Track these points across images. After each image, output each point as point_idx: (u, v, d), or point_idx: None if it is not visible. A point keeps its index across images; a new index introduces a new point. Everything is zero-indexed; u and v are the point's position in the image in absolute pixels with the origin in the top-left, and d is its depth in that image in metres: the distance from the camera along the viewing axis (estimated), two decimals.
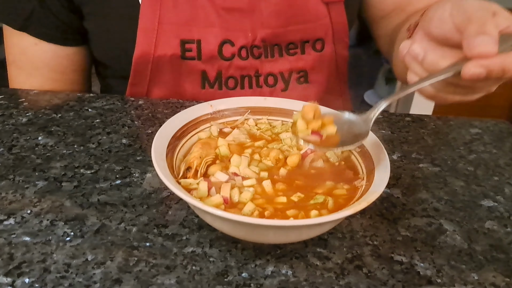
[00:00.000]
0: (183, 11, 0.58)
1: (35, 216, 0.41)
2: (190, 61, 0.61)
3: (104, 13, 0.60)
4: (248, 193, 0.39)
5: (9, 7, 0.63)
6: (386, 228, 0.43)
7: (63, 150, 0.51)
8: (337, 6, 0.63)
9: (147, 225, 0.41)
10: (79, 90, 0.70)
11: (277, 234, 0.37)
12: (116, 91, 0.70)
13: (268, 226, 0.34)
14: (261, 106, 0.50)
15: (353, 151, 0.44)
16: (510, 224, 0.45)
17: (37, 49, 0.64)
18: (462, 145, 0.57)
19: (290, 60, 0.64)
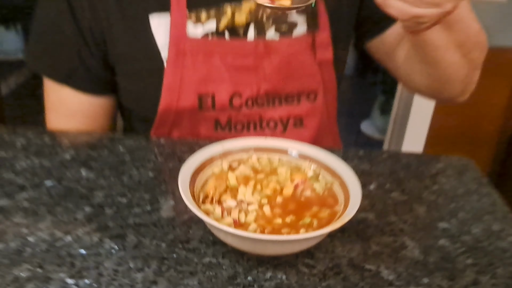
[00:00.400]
0: (201, 70, 0.71)
1: (87, 234, 0.53)
2: (205, 111, 0.74)
3: (134, 71, 0.73)
4: (252, 215, 0.51)
5: (53, 62, 0.76)
6: (360, 244, 0.54)
7: (102, 182, 0.63)
8: (326, 65, 0.77)
9: (173, 241, 0.53)
10: (106, 131, 0.83)
11: (274, 247, 0.48)
12: (138, 130, 0.83)
13: (267, 241, 0.47)
14: (262, 145, 0.62)
15: (334, 183, 0.56)
16: (459, 241, 0.56)
17: (74, 99, 0.77)
18: (428, 177, 0.69)
19: (288, 108, 0.77)
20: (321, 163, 0.59)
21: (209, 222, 0.47)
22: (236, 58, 0.72)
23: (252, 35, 0.73)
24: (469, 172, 0.71)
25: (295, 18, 0.75)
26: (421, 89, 0.79)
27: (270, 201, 0.54)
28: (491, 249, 0.56)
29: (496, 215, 0.62)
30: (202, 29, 0.71)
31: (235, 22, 0.72)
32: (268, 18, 0.73)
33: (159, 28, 0.70)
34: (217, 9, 0.72)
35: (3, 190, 0.60)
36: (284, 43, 0.74)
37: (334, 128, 0.85)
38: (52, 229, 0.54)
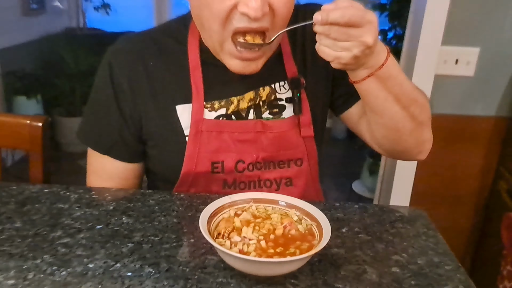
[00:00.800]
0: (213, 144, 0.93)
1: (131, 262, 0.73)
2: (216, 174, 0.95)
3: (162, 145, 0.96)
4: (252, 247, 0.71)
5: (99, 138, 0.99)
6: (333, 270, 0.74)
7: (138, 226, 0.83)
8: (309, 139, 0.99)
9: (194, 267, 0.72)
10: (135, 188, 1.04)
11: (268, 268, 0.68)
12: (160, 188, 1.04)
13: (262, 262, 0.66)
14: (259, 198, 0.83)
15: (313, 225, 0.76)
16: (407, 269, 0.75)
17: (113, 166, 0.99)
18: (388, 223, 0.89)
19: (280, 171, 0.99)
20: (303, 210, 0.79)
21: (221, 250, 0.67)
22: (240, 134, 0.94)
23: (252, 117, 0.97)
24: (420, 220, 0.92)
25: (284, 103, 0.98)
26: (382, 142, 0.96)
27: (265, 237, 0.74)
28: (431, 275, 0.75)
29: (438, 251, 0.81)
30: (215, 114, 0.95)
31: (239, 108, 0.96)
32: (263, 104, 0.96)
33: (183, 114, 0.94)
34: (226, 100, 0.95)
35: (66, 232, 0.80)
36: (276, 123, 0.97)
37: (317, 186, 1.06)
38: (105, 259, 0.74)
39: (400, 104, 0.86)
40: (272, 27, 0.84)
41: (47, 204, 0.89)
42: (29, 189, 0.95)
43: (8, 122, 1.15)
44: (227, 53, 0.87)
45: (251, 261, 0.67)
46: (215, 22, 0.83)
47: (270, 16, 0.83)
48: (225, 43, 0.86)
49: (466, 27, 1.81)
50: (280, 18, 0.84)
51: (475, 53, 1.85)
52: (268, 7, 0.81)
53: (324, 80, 1.02)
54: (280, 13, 0.83)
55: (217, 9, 0.81)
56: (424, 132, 0.94)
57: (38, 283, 0.68)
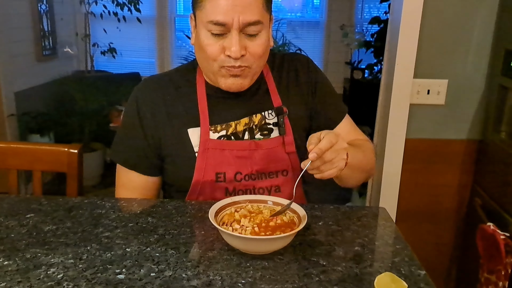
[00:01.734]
0: (217, 158, 1.19)
1: (158, 247, 0.97)
2: (219, 183, 1.20)
3: (177, 160, 1.22)
4: (248, 231, 0.95)
5: (127, 155, 1.25)
6: (309, 249, 0.98)
7: (161, 224, 1.08)
8: (292, 154, 1.25)
9: (206, 249, 0.97)
10: (155, 198, 1.28)
11: (260, 245, 0.92)
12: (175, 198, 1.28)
13: (256, 239, 0.91)
14: (254, 199, 1.07)
15: (294, 216, 1.01)
16: (367, 248, 0.99)
17: (137, 179, 1.25)
18: (355, 218, 1.13)
19: (270, 181, 1.24)
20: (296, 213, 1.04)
21: (224, 231, 0.91)
22: (238, 151, 1.21)
23: (247, 137, 1.23)
24: (381, 215, 1.16)
25: (271, 127, 1.25)
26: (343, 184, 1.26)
27: (258, 226, 0.98)
28: (385, 251, 1.00)
29: (392, 236, 1.06)
30: (218, 135, 1.21)
31: (236, 130, 1.22)
32: (255, 128, 1.23)
33: (193, 136, 1.21)
34: (226, 124, 1.22)
35: (106, 228, 1.05)
36: (266, 142, 1.23)
37: (301, 191, 1.32)
38: (138, 245, 0.98)
39: (362, 173, 1.25)
40: (249, 64, 1.14)
41: (88, 210, 1.14)
42: (72, 200, 1.20)
43: (50, 150, 1.41)
44: (221, 76, 1.16)
45: (247, 239, 0.91)
46: (209, 60, 1.14)
47: (247, 57, 1.12)
48: (219, 71, 1.15)
49: (434, 62, 2.06)
50: (255, 57, 1.14)
51: (444, 84, 2.10)
52: (245, 51, 1.11)
53: (303, 111, 1.29)
54: (254, 53, 1.13)
55: (211, 51, 1.13)
56: (373, 170, 1.31)
57: (90, 261, 0.92)
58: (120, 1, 4.60)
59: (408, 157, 2.20)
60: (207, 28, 1.10)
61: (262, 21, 1.11)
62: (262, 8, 1.11)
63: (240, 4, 1.07)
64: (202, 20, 1.11)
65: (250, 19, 1.09)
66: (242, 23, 1.08)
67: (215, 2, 1.07)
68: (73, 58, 4.95)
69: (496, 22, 1.99)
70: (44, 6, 4.31)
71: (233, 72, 1.13)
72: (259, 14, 1.10)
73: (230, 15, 1.07)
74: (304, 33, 5.27)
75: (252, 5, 1.08)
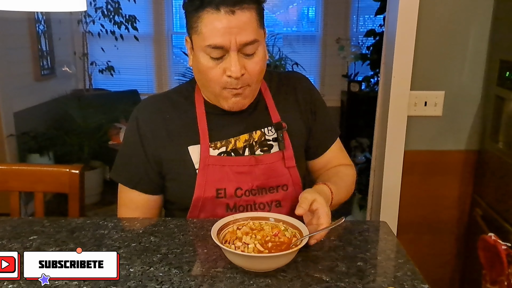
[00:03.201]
0: (217, 175, 1.19)
1: (161, 267, 0.97)
2: (220, 199, 1.21)
3: (178, 177, 1.22)
4: (251, 249, 0.95)
5: (128, 175, 1.25)
6: (312, 265, 0.98)
7: (164, 243, 1.08)
8: (292, 169, 1.26)
9: (209, 268, 0.97)
10: (157, 217, 1.29)
11: (262, 262, 0.93)
12: (177, 216, 1.28)
13: (258, 257, 0.91)
14: (255, 216, 1.08)
15: (296, 233, 1.01)
16: (369, 263, 1.00)
17: (139, 198, 1.25)
18: (357, 232, 1.14)
19: (271, 196, 1.24)
20: (288, 223, 1.05)
21: (227, 250, 0.91)
22: (238, 167, 1.21)
23: (247, 153, 1.24)
24: (382, 229, 1.17)
25: (271, 143, 1.26)
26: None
27: (260, 243, 0.98)
28: (387, 266, 1.00)
29: (393, 250, 1.06)
30: (218, 151, 1.22)
31: (236, 147, 1.23)
32: (255, 144, 1.24)
33: (194, 153, 1.21)
34: (226, 140, 1.23)
35: (109, 249, 1.05)
36: (266, 157, 1.24)
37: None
38: (142, 265, 0.98)
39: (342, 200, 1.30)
40: (250, 82, 1.16)
41: (91, 231, 1.15)
42: (75, 221, 1.21)
43: (51, 171, 1.42)
44: (223, 97, 1.18)
45: (250, 257, 0.92)
46: (211, 82, 1.16)
47: (246, 76, 1.15)
48: (221, 92, 1.17)
49: (430, 74, 2.08)
50: (254, 75, 1.17)
51: (441, 96, 2.11)
52: (244, 70, 1.13)
53: (301, 127, 1.31)
54: (253, 72, 1.16)
55: (212, 75, 1.15)
56: (351, 192, 1.37)
57: (95, 282, 0.92)
58: (117, 20, 4.63)
59: (407, 169, 2.21)
60: (205, 52, 1.12)
61: (258, 39, 1.14)
62: (257, 26, 1.14)
63: (235, 26, 1.09)
64: (200, 45, 1.13)
65: (246, 39, 1.11)
66: (240, 43, 1.10)
67: (211, 26, 1.09)
68: (71, 77, 4.98)
69: (490, 33, 2.01)
70: (42, 26, 4.35)
71: (235, 92, 1.16)
72: (255, 32, 1.13)
73: (227, 37, 1.09)
74: (300, 47, 5.30)
75: (247, 25, 1.11)
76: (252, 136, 1.26)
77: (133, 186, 1.25)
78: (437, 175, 2.26)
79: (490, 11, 1.99)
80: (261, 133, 1.26)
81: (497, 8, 1.96)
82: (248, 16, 1.11)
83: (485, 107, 2.09)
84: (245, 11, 1.10)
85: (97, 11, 4.58)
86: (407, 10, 1.98)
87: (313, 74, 5.33)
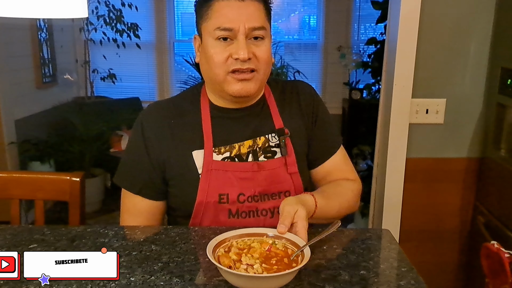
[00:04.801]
0: (220, 180, 1.19)
1: (162, 276, 0.96)
2: (222, 204, 1.20)
3: (181, 182, 1.22)
4: (258, 269, 0.92)
5: (132, 180, 1.25)
6: (315, 274, 0.97)
7: (165, 251, 1.07)
8: (295, 175, 1.26)
9: (210, 277, 0.96)
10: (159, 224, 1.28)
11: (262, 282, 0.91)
12: (180, 223, 1.28)
13: (257, 277, 0.89)
14: (249, 232, 1.05)
15: (286, 244, 1.00)
16: (372, 272, 0.99)
17: (143, 204, 1.25)
18: (360, 240, 1.13)
19: (273, 202, 1.24)
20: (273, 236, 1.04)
21: (224, 269, 0.89)
22: (241, 173, 1.21)
23: (250, 159, 1.24)
24: (385, 237, 1.16)
25: (274, 149, 1.25)
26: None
27: (261, 261, 0.94)
28: (390, 275, 0.99)
29: (397, 258, 1.06)
30: (221, 156, 1.22)
31: (240, 152, 1.23)
32: (259, 150, 1.24)
33: (197, 158, 1.22)
34: (230, 146, 1.23)
35: None
36: (269, 163, 1.24)
37: None
38: (143, 274, 0.98)
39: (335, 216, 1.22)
40: (257, 68, 1.18)
41: (91, 239, 1.14)
42: (75, 230, 1.20)
43: (52, 179, 1.41)
44: (227, 83, 1.18)
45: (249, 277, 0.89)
46: (217, 67, 1.18)
47: (254, 61, 1.17)
48: (226, 78, 1.18)
49: (432, 82, 2.08)
50: (262, 62, 1.19)
51: (442, 103, 2.11)
52: (252, 54, 1.16)
53: (303, 134, 1.32)
54: (261, 58, 1.18)
55: (218, 59, 1.17)
56: (353, 209, 1.33)
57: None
58: (119, 27, 4.65)
59: (409, 177, 2.20)
60: (214, 36, 1.16)
61: (265, 27, 1.19)
62: (265, 16, 1.20)
63: (245, 12, 1.15)
64: (209, 30, 1.17)
65: (254, 24, 1.16)
66: (248, 28, 1.15)
67: (221, 11, 1.15)
68: (73, 85, 4.98)
69: (491, 41, 2.01)
70: (44, 34, 4.36)
71: (242, 76, 1.17)
72: (262, 21, 1.18)
73: (236, 22, 1.14)
74: (302, 55, 5.31)
75: (255, 12, 1.17)
76: (256, 142, 1.26)
77: (137, 192, 1.25)
78: (439, 182, 2.26)
79: (491, 19, 1.99)
80: (265, 139, 1.27)
81: (498, 16, 1.97)
82: (256, 6, 1.18)
83: (487, 115, 2.08)
84: (254, 1, 1.17)
85: (99, 19, 4.59)
86: (408, 18, 1.99)
87: (314, 82, 5.33)
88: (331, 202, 1.22)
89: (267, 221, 1.22)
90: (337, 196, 1.26)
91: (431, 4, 1.98)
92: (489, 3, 1.98)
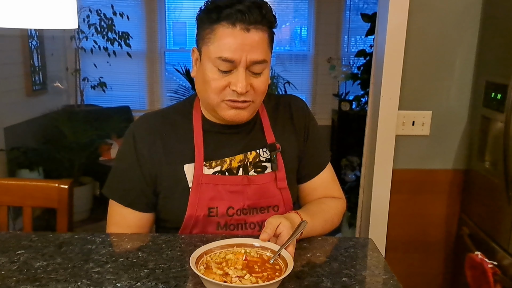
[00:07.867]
0: (210, 193, 1.21)
1: (148, 282, 0.98)
2: (211, 217, 1.22)
3: (172, 195, 1.23)
4: (248, 280, 0.94)
5: (123, 192, 1.25)
6: (298, 281, 0.99)
7: (151, 258, 1.08)
8: (284, 190, 1.27)
9: (196, 283, 0.97)
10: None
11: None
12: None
13: (261, 286, 0.90)
14: (238, 243, 1.06)
15: (257, 250, 1.02)
16: (354, 279, 1.01)
17: (132, 216, 1.26)
18: (343, 249, 1.15)
19: (262, 215, 1.25)
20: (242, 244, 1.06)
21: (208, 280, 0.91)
22: (231, 186, 1.23)
23: (241, 173, 1.26)
24: (368, 246, 1.18)
25: (265, 164, 1.28)
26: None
27: (246, 271, 0.96)
28: (371, 282, 1.01)
29: (378, 266, 1.08)
30: (212, 170, 1.24)
31: (231, 166, 1.25)
32: (250, 164, 1.26)
33: (188, 171, 1.23)
34: (221, 160, 1.25)
35: (96, 264, 1.06)
36: (259, 178, 1.26)
37: None
38: (129, 280, 0.99)
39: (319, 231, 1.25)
40: (253, 99, 1.18)
41: (79, 246, 1.15)
42: (63, 236, 1.21)
43: (40, 186, 1.42)
44: (221, 108, 1.19)
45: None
46: (213, 93, 1.17)
47: (251, 93, 1.17)
48: (220, 104, 1.18)
49: (418, 94, 2.12)
50: (259, 93, 1.19)
51: (428, 116, 2.15)
52: (250, 86, 1.16)
53: (294, 149, 1.33)
54: (258, 89, 1.18)
55: (215, 85, 1.16)
56: (336, 226, 1.33)
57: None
58: (110, 36, 4.67)
59: (396, 188, 2.23)
60: (214, 63, 1.15)
61: (267, 60, 1.17)
62: (267, 47, 1.18)
63: (248, 44, 1.12)
64: (210, 56, 1.15)
65: (257, 58, 1.14)
66: (250, 61, 1.14)
67: (225, 40, 1.12)
68: (63, 93, 4.98)
69: (476, 55, 2.06)
70: (35, 42, 4.36)
71: (236, 105, 1.17)
72: (265, 53, 1.16)
73: (239, 53, 1.12)
74: (293, 66, 5.35)
75: (259, 44, 1.15)
76: (247, 156, 1.27)
77: (128, 204, 1.25)
78: (425, 193, 2.28)
79: (476, 34, 2.04)
80: (256, 154, 1.28)
81: (483, 31, 2.02)
82: (261, 36, 1.15)
83: (472, 127, 2.12)
84: (259, 31, 1.14)
85: (90, 27, 4.61)
86: (395, 31, 2.03)
87: (304, 93, 5.37)
88: (316, 220, 1.22)
89: (254, 234, 1.23)
90: (322, 213, 1.27)
91: (417, 18, 2.03)
92: (474, 18, 2.04)
